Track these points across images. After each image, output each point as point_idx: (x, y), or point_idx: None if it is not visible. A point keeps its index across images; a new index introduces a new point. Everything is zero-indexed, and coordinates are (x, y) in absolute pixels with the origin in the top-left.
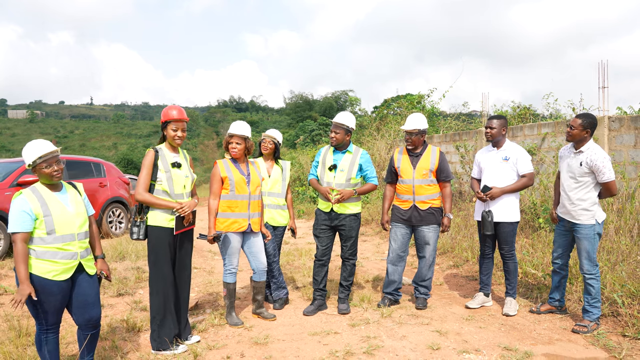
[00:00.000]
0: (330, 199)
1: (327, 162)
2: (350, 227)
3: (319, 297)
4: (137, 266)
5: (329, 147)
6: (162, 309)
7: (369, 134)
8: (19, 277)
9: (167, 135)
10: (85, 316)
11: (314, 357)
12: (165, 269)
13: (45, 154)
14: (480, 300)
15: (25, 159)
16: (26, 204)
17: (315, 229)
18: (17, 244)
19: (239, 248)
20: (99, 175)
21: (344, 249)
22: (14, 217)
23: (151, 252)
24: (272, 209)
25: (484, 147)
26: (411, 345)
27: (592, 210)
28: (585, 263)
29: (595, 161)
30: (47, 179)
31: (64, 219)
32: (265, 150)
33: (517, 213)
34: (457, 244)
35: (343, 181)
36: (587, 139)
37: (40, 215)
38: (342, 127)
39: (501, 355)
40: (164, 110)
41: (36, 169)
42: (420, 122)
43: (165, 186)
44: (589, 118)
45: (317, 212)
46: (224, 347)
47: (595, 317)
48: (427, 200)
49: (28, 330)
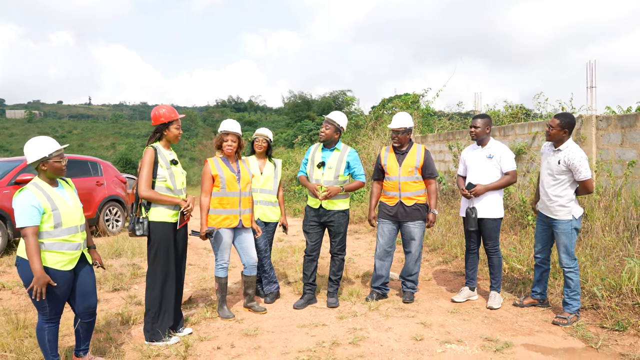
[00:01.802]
0: (318, 195)
1: (316, 160)
2: (339, 223)
3: (308, 291)
4: (133, 263)
5: (319, 145)
6: (158, 303)
7: (365, 133)
8: (34, 269)
9: (169, 134)
10: (85, 304)
11: (301, 347)
12: (166, 263)
13: (60, 149)
14: (466, 294)
15: (37, 153)
16: (34, 198)
17: (305, 225)
18: (29, 238)
19: (230, 243)
20: (96, 174)
21: (333, 244)
22: (22, 212)
23: (152, 247)
24: (264, 206)
25: (470, 146)
26: (395, 336)
27: (568, 206)
28: (564, 257)
29: (572, 160)
30: (56, 173)
31: (68, 212)
32: (259, 148)
33: (501, 210)
34: (448, 240)
35: (331, 178)
36: (566, 138)
37: (48, 209)
38: (332, 124)
39: (482, 345)
40: (160, 111)
41: (48, 163)
42: (406, 120)
43: (169, 183)
44: (567, 118)
45: (307, 208)
46: (215, 339)
47: (575, 309)
48: (413, 196)
49: (25, 323)
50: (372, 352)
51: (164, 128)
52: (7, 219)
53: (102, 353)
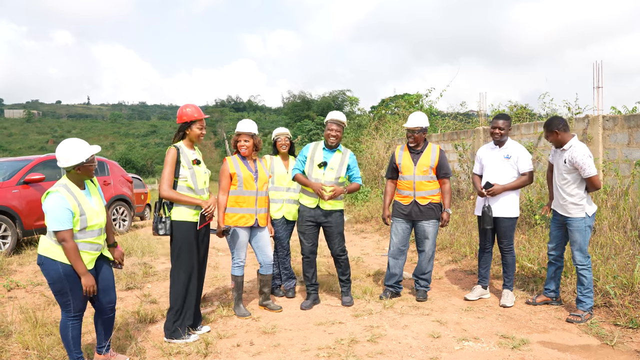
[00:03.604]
0: (323, 195)
1: (317, 159)
2: (336, 223)
3: (312, 291)
4: (144, 262)
5: (318, 144)
6: (181, 301)
7: (368, 133)
8: (79, 271)
9: (191, 134)
10: (107, 298)
11: (320, 345)
12: (189, 262)
13: (94, 152)
14: (479, 293)
15: (75, 158)
16: (65, 202)
17: (301, 226)
18: (68, 242)
19: (247, 242)
20: (103, 173)
21: (334, 246)
22: (56, 215)
23: (175, 246)
24: (290, 204)
25: (486, 144)
26: (413, 334)
27: (581, 204)
28: (577, 254)
29: (575, 158)
30: (89, 176)
31: (93, 216)
32: (283, 148)
33: (517, 209)
34: (456, 240)
35: (332, 179)
36: (567, 137)
37: (77, 213)
38: (341, 125)
39: (498, 342)
40: (184, 109)
41: (83, 167)
42: (422, 120)
43: (190, 182)
44: (551, 121)
45: (301, 208)
46: (233, 336)
47: (589, 307)
48: (427, 196)
49: (43, 320)
50: (390, 350)
51: (186, 127)
52: (17, 219)
53: (122, 350)
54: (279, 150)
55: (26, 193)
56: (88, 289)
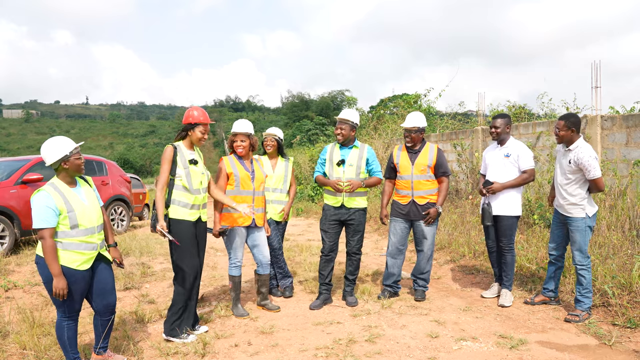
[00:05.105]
0: (340, 189)
1: (335, 158)
2: (359, 222)
3: (325, 291)
4: (142, 262)
5: (334, 144)
6: (184, 299)
7: (367, 133)
8: (53, 272)
9: (193, 136)
10: (104, 302)
11: (318, 345)
12: (189, 260)
13: (77, 146)
14: (496, 290)
15: (58, 153)
16: (50, 200)
17: (324, 224)
18: (46, 240)
19: (244, 242)
20: (101, 173)
21: (352, 243)
22: (39, 213)
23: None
24: (276, 205)
25: (491, 145)
26: (411, 334)
27: (581, 204)
28: (577, 254)
29: (581, 159)
30: (77, 171)
31: (84, 213)
32: (269, 148)
33: (518, 208)
34: (454, 239)
35: (353, 175)
36: (575, 137)
37: (64, 210)
38: (347, 123)
39: (497, 342)
40: (191, 111)
41: (69, 161)
42: (420, 120)
43: (185, 181)
44: (572, 117)
45: (326, 207)
46: (231, 336)
47: (587, 307)
48: (425, 195)
49: (40, 321)
50: (389, 349)
51: (190, 128)
52: (15, 219)
53: (120, 351)
54: (265, 151)
55: (24, 193)
56: (58, 291)
